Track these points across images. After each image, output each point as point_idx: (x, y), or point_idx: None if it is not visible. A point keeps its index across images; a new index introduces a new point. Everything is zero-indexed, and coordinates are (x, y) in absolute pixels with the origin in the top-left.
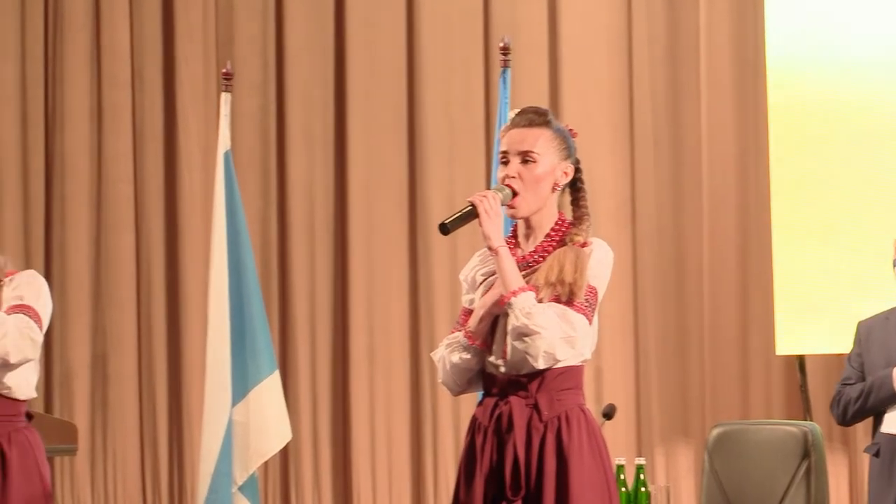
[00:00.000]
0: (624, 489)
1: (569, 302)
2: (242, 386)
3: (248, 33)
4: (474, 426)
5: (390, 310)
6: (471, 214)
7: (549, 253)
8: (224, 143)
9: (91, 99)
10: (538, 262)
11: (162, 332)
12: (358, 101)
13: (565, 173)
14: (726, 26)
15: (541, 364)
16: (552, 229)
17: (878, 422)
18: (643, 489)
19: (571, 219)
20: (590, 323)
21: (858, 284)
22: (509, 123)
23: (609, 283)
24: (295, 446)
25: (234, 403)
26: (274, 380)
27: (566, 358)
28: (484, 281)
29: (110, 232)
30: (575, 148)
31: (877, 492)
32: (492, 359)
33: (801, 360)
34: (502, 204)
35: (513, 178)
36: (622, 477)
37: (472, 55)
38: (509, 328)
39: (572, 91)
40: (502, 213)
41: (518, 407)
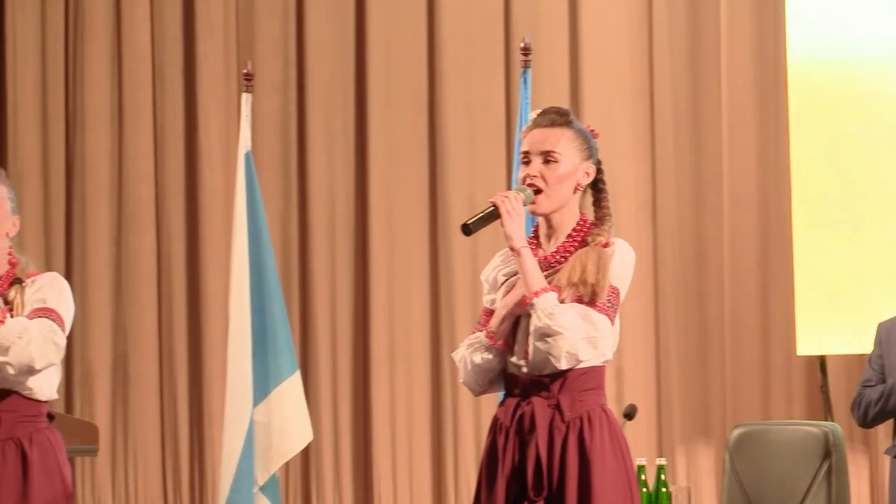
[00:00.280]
0: (645, 489)
1: (591, 302)
2: (264, 386)
3: (269, 33)
4: (496, 427)
5: (411, 310)
6: (493, 215)
7: (571, 253)
8: (245, 144)
9: (112, 99)
10: (560, 263)
11: (183, 333)
12: (378, 101)
13: (587, 174)
14: (747, 24)
15: (563, 365)
16: (574, 230)
17: None
18: (664, 489)
19: (593, 219)
20: (612, 323)
21: (880, 284)
22: (531, 123)
23: (630, 284)
24: (316, 447)
25: (256, 404)
26: (295, 380)
27: (588, 358)
28: (506, 281)
29: (131, 232)
30: (597, 149)
31: None
32: (513, 359)
33: (822, 361)
34: (524, 204)
35: (534, 178)
36: (643, 477)
37: (493, 55)
38: (531, 329)
39: (593, 91)
40: (524, 214)
41: (540, 407)
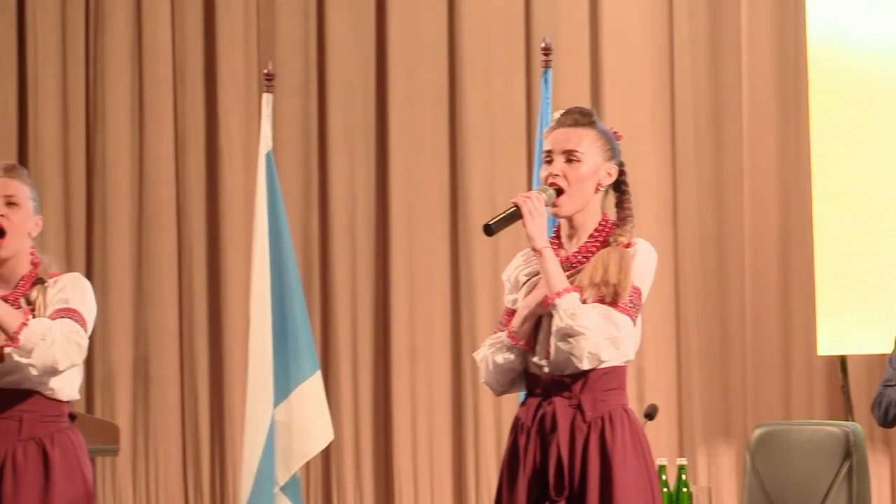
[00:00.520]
0: (666, 489)
1: (613, 303)
2: (285, 386)
3: (290, 33)
4: (517, 427)
5: (432, 310)
6: (515, 215)
7: (593, 254)
8: (266, 144)
9: (132, 98)
10: (582, 263)
11: (204, 333)
12: (399, 101)
13: (609, 174)
14: (768, 25)
15: (585, 365)
16: (596, 230)
17: None
18: (685, 489)
19: (615, 220)
20: (634, 324)
21: None
22: (554, 123)
23: (651, 284)
24: (337, 446)
25: (277, 404)
26: (316, 380)
27: (610, 359)
28: (527, 281)
29: (151, 232)
30: (619, 150)
31: None
32: (535, 359)
33: (843, 361)
34: (546, 205)
35: (556, 177)
36: (664, 477)
37: (514, 55)
38: (553, 329)
39: (613, 91)
40: (546, 214)
41: (562, 407)
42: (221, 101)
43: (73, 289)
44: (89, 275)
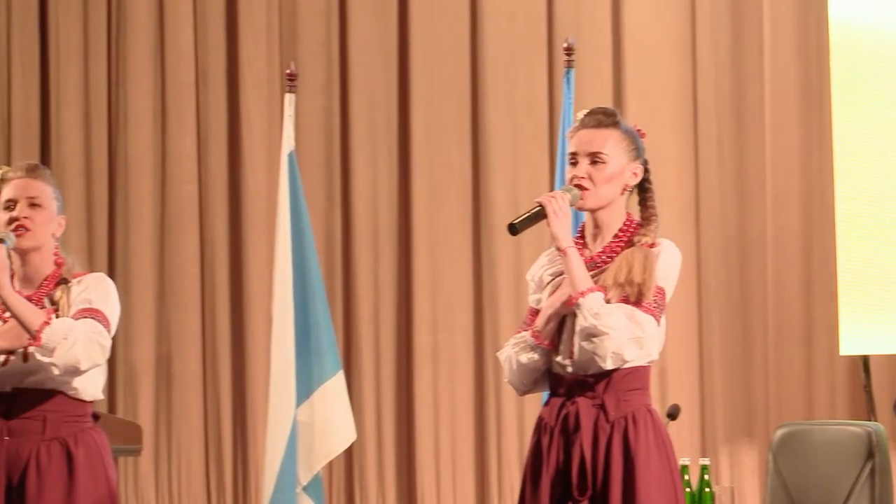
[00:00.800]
0: (688, 489)
1: (637, 303)
2: (307, 386)
3: (312, 33)
4: (540, 426)
5: (454, 310)
6: (539, 215)
7: (617, 253)
8: (288, 144)
9: (154, 99)
10: (606, 263)
11: (226, 333)
12: (421, 102)
13: (634, 174)
14: (790, 24)
15: (609, 365)
16: (620, 230)
17: None
18: (707, 489)
19: (639, 219)
20: (658, 324)
21: None
22: (578, 124)
23: (675, 284)
24: (359, 446)
25: (299, 403)
26: (338, 380)
27: (634, 359)
28: (551, 281)
29: (174, 232)
30: (644, 149)
31: None
32: (559, 359)
33: (866, 360)
34: (571, 204)
35: (582, 179)
36: (686, 477)
37: (536, 55)
38: (577, 328)
39: (636, 91)
40: (571, 214)
41: (585, 407)
42: (244, 102)
43: (97, 289)
44: (111, 275)
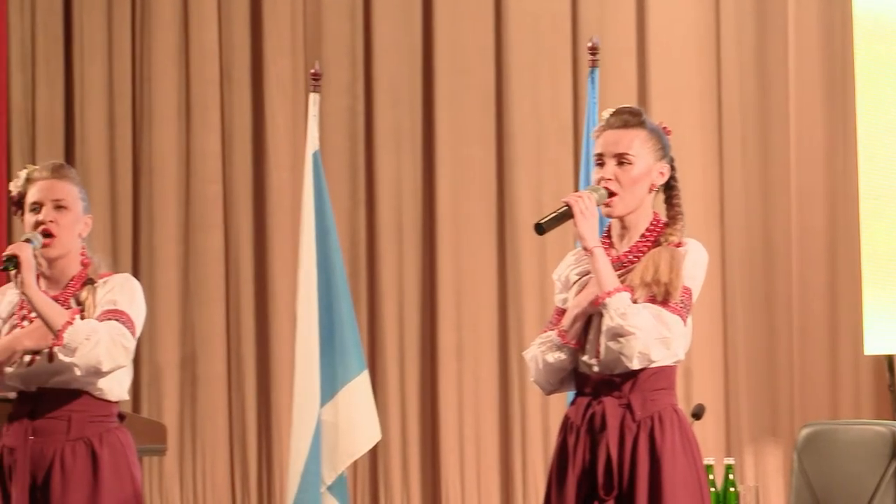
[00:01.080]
0: (713, 489)
1: (664, 302)
2: (331, 386)
3: (337, 33)
4: (566, 426)
5: (479, 309)
6: (566, 214)
7: (644, 253)
8: (313, 144)
9: (179, 98)
10: (633, 262)
11: (251, 332)
12: (446, 101)
13: (661, 173)
14: (815, 24)
15: (635, 364)
16: (647, 229)
17: None
18: (732, 489)
19: (665, 219)
20: (684, 324)
21: None
22: (604, 124)
23: (701, 284)
24: (384, 446)
25: (323, 403)
26: (363, 379)
27: (661, 359)
28: (578, 280)
29: (198, 231)
30: (670, 146)
31: None
32: (585, 358)
33: (891, 360)
34: (597, 204)
35: (609, 181)
36: (711, 477)
37: (560, 55)
38: (604, 328)
39: (661, 91)
40: (597, 213)
41: (611, 407)
42: (268, 101)
43: (123, 290)
44: (136, 274)
